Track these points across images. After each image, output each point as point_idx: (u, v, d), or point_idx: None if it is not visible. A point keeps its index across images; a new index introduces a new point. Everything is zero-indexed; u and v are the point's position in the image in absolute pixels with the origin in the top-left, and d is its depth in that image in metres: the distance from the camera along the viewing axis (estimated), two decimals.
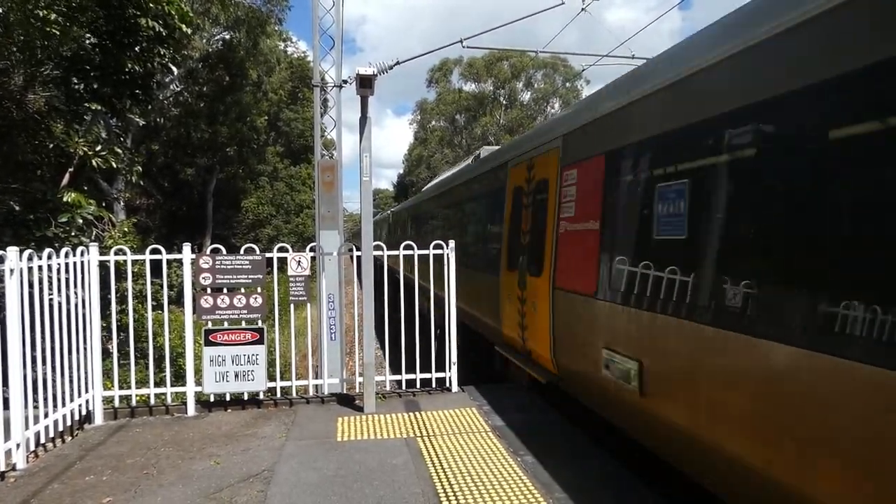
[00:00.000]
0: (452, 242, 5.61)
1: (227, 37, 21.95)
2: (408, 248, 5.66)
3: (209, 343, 5.09)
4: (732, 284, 2.64)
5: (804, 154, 2.36)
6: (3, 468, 3.76)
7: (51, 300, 4.26)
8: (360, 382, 5.44)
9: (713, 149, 2.87)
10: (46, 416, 4.21)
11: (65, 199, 6.79)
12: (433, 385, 5.76)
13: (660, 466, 3.63)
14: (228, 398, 5.37)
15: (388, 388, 6.06)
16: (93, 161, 7.31)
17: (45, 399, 4.18)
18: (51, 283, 4.30)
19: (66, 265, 4.53)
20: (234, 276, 5.19)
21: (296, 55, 31.34)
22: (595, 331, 3.95)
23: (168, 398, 5.25)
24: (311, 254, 5.50)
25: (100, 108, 7.57)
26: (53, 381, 4.27)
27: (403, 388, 5.80)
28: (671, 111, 3.26)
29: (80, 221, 6.99)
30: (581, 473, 3.71)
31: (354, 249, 5.99)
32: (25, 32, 6.67)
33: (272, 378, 5.52)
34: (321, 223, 6.81)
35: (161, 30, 7.67)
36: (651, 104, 3.50)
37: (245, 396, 5.35)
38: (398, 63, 7.53)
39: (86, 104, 7.46)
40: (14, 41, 6.79)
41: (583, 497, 3.39)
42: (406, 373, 5.72)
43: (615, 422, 4.00)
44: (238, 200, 30.46)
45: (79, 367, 4.65)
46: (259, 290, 5.26)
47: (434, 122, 43.60)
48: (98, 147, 7.40)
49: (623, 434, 3.95)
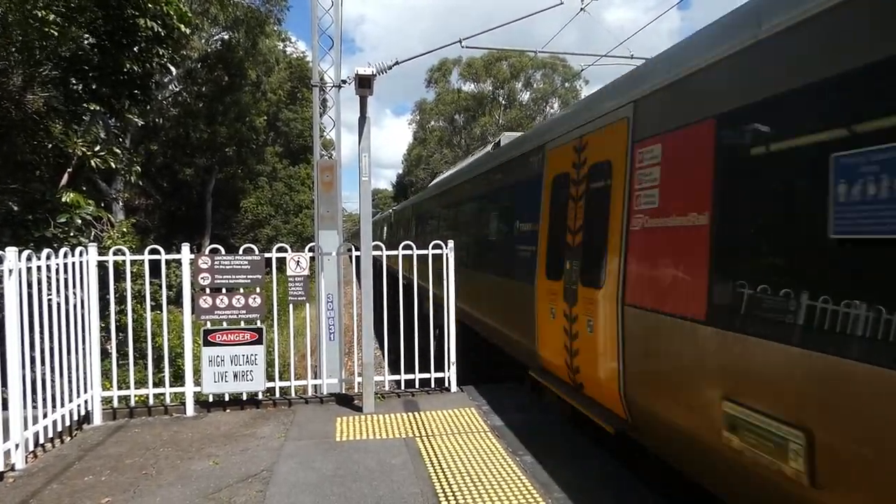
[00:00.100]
0: (451, 242, 5.65)
1: (226, 37, 21.96)
2: (407, 248, 5.68)
3: (208, 343, 5.09)
4: None
5: None
6: (2, 468, 3.76)
7: (49, 300, 4.26)
8: (359, 382, 5.44)
9: None
10: (45, 417, 4.21)
11: (63, 200, 6.80)
12: (432, 385, 5.77)
13: (660, 466, 3.63)
14: (227, 398, 5.37)
15: (387, 388, 6.06)
16: (91, 161, 7.31)
17: (44, 399, 4.18)
18: (49, 284, 4.30)
19: (65, 265, 4.53)
20: (233, 277, 5.19)
21: (295, 55, 31.36)
22: (708, 372, 2.86)
23: (167, 398, 5.24)
24: (310, 254, 5.50)
25: (98, 109, 7.57)
26: (52, 382, 4.27)
27: (402, 388, 5.80)
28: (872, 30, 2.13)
29: (79, 222, 7.00)
30: (581, 473, 3.71)
31: (353, 249, 5.98)
32: (24, 33, 6.68)
33: (271, 378, 5.52)
34: (320, 223, 6.81)
35: (160, 30, 7.69)
36: (831, 24, 2.31)
37: (244, 396, 5.35)
38: (397, 63, 7.54)
39: (84, 104, 7.47)
40: (13, 41, 6.79)
41: (582, 497, 3.39)
42: (405, 373, 5.73)
43: None
44: (237, 200, 30.47)
45: (77, 368, 4.65)
46: (258, 291, 5.26)
47: (433, 123, 43.65)
48: (97, 147, 7.40)
49: (623, 434, 3.82)
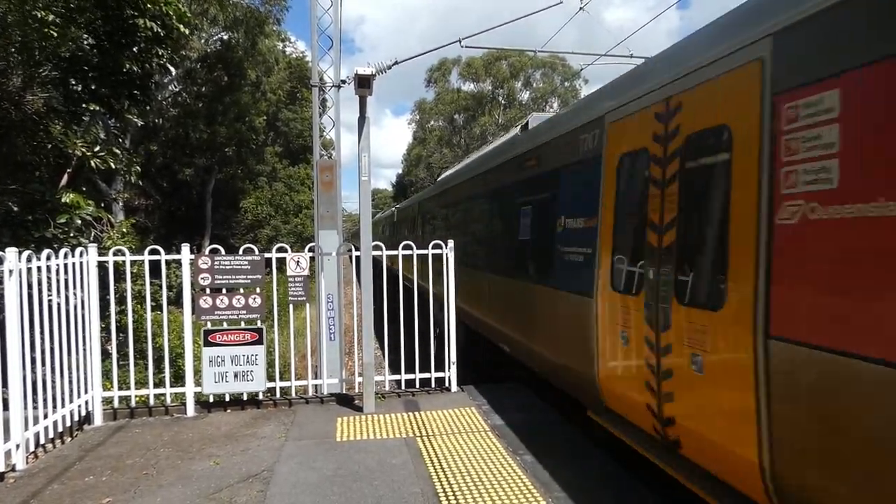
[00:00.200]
0: (451, 242, 5.64)
1: (226, 37, 21.91)
2: (409, 248, 5.68)
3: (208, 343, 5.09)
4: None
5: None
6: (3, 469, 3.76)
7: (50, 301, 4.26)
8: (360, 382, 5.44)
9: None
10: (46, 417, 4.22)
11: (63, 200, 6.80)
12: (433, 385, 5.77)
13: (659, 466, 3.63)
14: (228, 399, 5.37)
15: (388, 388, 6.06)
16: (91, 162, 7.31)
17: (45, 400, 4.19)
18: (50, 284, 4.30)
19: (65, 266, 4.53)
20: (233, 277, 5.19)
21: (294, 55, 31.30)
22: None
23: (167, 399, 5.25)
24: (310, 254, 5.51)
25: (98, 109, 7.58)
26: (53, 382, 4.27)
27: (403, 388, 5.80)
28: None
29: (79, 222, 7.00)
30: (581, 473, 3.72)
31: (353, 249, 5.99)
32: (23, 33, 6.67)
33: (271, 378, 5.52)
34: (320, 223, 6.81)
35: (159, 30, 7.68)
36: None
37: (244, 397, 5.35)
38: (396, 63, 7.54)
39: (84, 105, 7.47)
40: (12, 42, 6.79)
41: (582, 497, 3.39)
42: (405, 373, 5.73)
43: None
44: (237, 201, 30.43)
45: (78, 368, 4.65)
46: (258, 291, 5.26)
47: (433, 122, 43.60)
48: (96, 148, 7.40)
49: (622, 434, 3.86)
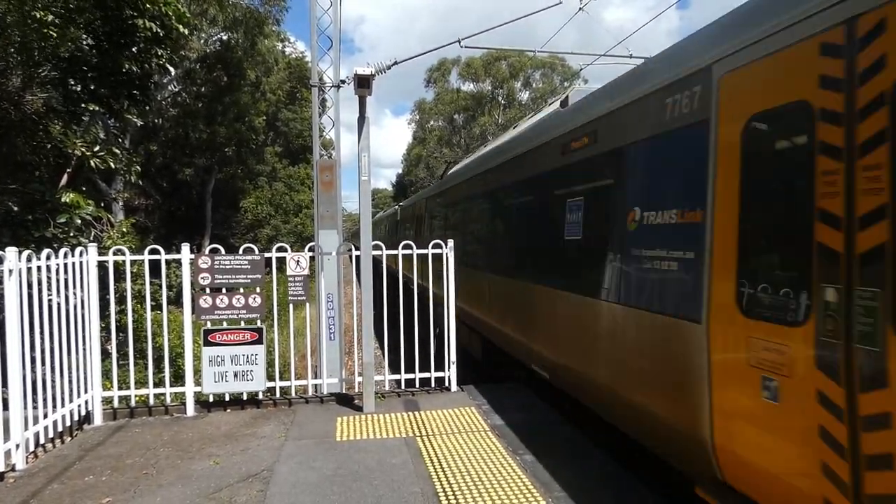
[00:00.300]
0: (451, 242, 5.63)
1: (225, 37, 21.91)
2: (408, 248, 5.68)
3: (208, 343, 5.09)
4: None
5: None
6: (3, 469, 3.76)
7: (50, 301, 4.26)
8: (360, 382, 5.44)
9: None
10: (46, 417, 4.21)
11: (63, 200, 6.80)
12: (432, 385, 5.77)
13: (660, 466, 3.63)
14: (227, 398, 5.37)
15: (388, 388, 6.06)
16: (91, 161, 7.32)
17: (45, 400, 4.18)
18: (50, 284, 4.30)
19: (65, 266, 4.52)
20: (233, 276, 5.19)
21: (294, 55, 31.29)
22: None
23: (167, 398, 5.25)
24: (310, 253, 5.50)
25: (98, 109, 7.58)
26: (53, 382, 4.27)
27: (402, 388, 5.80)
28: None
29: (79, 222, 7.00)
30: (581, 473, 3.71)
31: (353, 249, 5.99)
32: (23, 34, 6.67)
33: (271, 378, 5.52)
34: (320, 223, 6.81)
35: (158, 31, 7.69)
36: None
37: (244, 396, 5.35)
38: (396, 63, 7.53)
39: (84, 105, 7.48)
40: (11, 42, 6.79)
41: (582, 496, 3.39)
42: (405, 372, 5.73)
43: None
44: (237, 200, 30.42)
45: (78, 368, 4.65)
46: (258, 290, 5.26)
47: (432, 122, 43.59)
48: (96, 148, 7.40)
49: (623, 434, 3.88)
